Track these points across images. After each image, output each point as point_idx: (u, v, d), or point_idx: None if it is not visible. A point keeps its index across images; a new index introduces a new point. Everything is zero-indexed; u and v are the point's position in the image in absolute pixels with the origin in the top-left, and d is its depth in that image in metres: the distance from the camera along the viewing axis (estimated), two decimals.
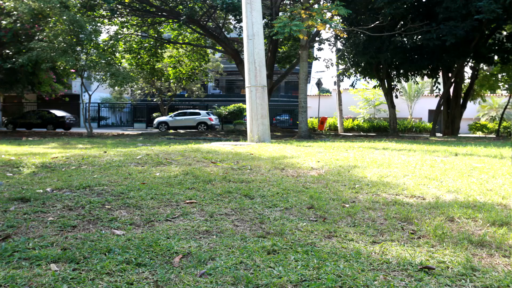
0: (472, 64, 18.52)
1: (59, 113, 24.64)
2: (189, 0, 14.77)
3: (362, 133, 25.52)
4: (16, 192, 2.80)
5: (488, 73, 21.20)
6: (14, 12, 14.11)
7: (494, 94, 28.20)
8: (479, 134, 25.89)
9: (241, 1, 8.56)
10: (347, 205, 2.60)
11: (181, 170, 3.87)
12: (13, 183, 3.19)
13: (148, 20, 19.61)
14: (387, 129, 24.42)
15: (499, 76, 20.73)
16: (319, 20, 11.76)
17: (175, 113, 27.44)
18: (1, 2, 13.80)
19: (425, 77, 21.72)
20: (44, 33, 14.68)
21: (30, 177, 3.53)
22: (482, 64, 18.49)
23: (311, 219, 2.28)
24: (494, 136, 20.42)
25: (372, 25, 15.06)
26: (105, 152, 5.41)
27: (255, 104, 8.54)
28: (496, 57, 17.33)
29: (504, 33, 16.97)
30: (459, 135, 18.64)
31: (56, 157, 4.80)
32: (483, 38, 16.31)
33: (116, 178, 3.44)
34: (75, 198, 2.66)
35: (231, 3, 12.93)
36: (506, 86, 21.31)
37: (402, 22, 16.39)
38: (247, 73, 8.74)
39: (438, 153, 5.79)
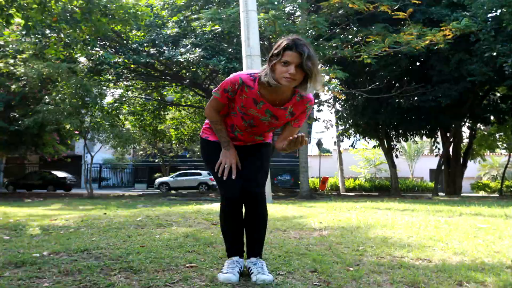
0: (469, 124, 18.84)
1: (60, 174, 24.68)
2: (192, 65, 15.36)
3: (364, 193, 25.34)
4: (12, 256, 2.74)
5: (485, 133, 21.48)
6: (24, 77, 14.64)
7: (494, 153, 28.34)
8: (482, 193, 25.66)
9: (242, 64, 8.90)
10: (351, 269, 2.52)
11: (181, 232, 3.81)
12: (9, 247, 3.13)
13: (152, 83, 20.26)
14: (389, 188, 24.29)
15: (497, 135, 20.97)
16: None
17: (176, 173, 27.47)
18: (12, 68, 14.37)
19: (424, 137, 21.99)
20: (51, 96, 15.14)
21: (28, 240, 3.47)
22: (479, 124, 18.80)
23: (314, 283, 2.21)
24: (498, 195, 20.23)
25: (369, 87, 15.53)
26: (105, 214, 5.36)
27: None
28: (492, 117, 17.63)
29: (498, 94, 17.43)
30: (462, 194, 18.49)
31: (55, 219, 4.74)
32: (477, 99, 16.73)
33: (115, 241, 3.37)
34: (72, 262, 2.59)
35: (232, 67, 13.44)
36: (505, 145, 21.49)
37: (398, 84, 16.93)
38: None
39: (442, 213, 5.71)
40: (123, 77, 18.67)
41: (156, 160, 31.97)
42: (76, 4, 7.40)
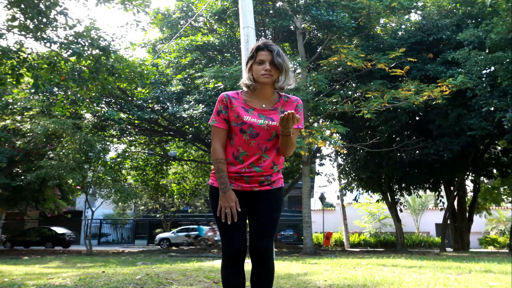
0: (473, 178, 18.73)
1: (59, 230, 24.30)
2: (195, 121, 15.65)
3: (369, 249, 24.72)
4: None
5: (489, 186, 21.31)
6: (30, 133, 14.87)
7: (500, 207, 27.93)
8: (490, 248, 24.97)
9: None
10: None
11: None
12: None
13: (156, 138, 20.51)
14: (395, 244, 23.72)
15: (501, 189, 20.78)
16: (319, 138, 12.27)
17: (177, 229, 27.02)
18: (18, 124, 14.63)
19: (428, 191, 21.80)
20: (55, 152, 15.28)
21: None
22: (482, 177, 18.70)
23: None
24: (507, 251, 19.65)
25: (370, 142, 15.66)
26: (103, 272, 5.22)
27: None
28: (494, 171, 17.57)
29: (499, 148, 17.50)
30: (470, 249, 18.00)
31: (52, 278, 4.61)
32: (479, 153, 16.77)
33: None
34: None
35: None
36: (510, 199, 21.23)
37: (398, 139, 17.06)
38: None
39: (451, 270, 5.54)
40: (126, 132, 18.96)
41: (158, 215, 31.56)
42: (85, 64, 7.69)
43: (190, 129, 16.83)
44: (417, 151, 15.61)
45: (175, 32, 17.76)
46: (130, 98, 16.52)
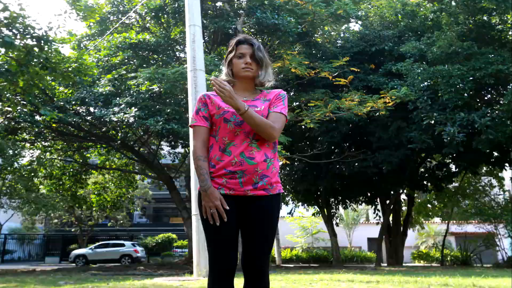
0: (407, 191, 19.73)
1: None
2: (126, 125, 14.83)
3: (302, 264, 25.07)
4: None
5: (419, 200, 22.67)
6: None
7: (429, 221, 29.78)
8: (423, 263, 26.35)
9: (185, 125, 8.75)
10: None
11: None
12: None
13: (74, 144, 19.21)
14: (328, 259, 24.29)
15: (435, 203, 22.11)
16: None
17: (95, 244, 25.68)
18: None
19: (360, 205, 22.63)
20: None
21: None
22: (417, 191, 19.75)
23: None
24: (439, 264, 20.90)
25: (310, 152, 15.92)
26: None
27: (203, 235, 8.17)
28: (429, 184, 18.66)
29: (434, 162, 18.62)
30: (404, 264, 18.94)
31: None
32: (415, 167, 17.77)
33: None
34: None
35: (170, 128, 13.16)
36: (440, 214, 22.66)
37: (337, 150, 17.53)
38: (193, 200, 8.57)
39: (409, 285, 5.71)
40: (41, 136, 17.48)
41: (73, 230, 29.62)
42: (13, 56, 6.87)
43: (119, 134, 15.99)
44: (356, 164, 16.10)
45: (104, 28, 16.90)
46: (50, 98, 15.28)
